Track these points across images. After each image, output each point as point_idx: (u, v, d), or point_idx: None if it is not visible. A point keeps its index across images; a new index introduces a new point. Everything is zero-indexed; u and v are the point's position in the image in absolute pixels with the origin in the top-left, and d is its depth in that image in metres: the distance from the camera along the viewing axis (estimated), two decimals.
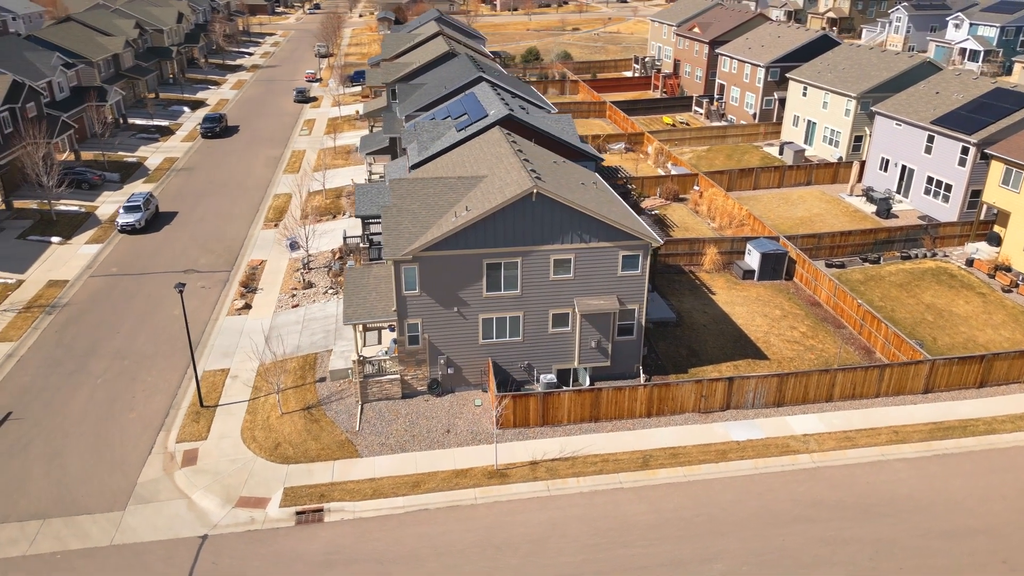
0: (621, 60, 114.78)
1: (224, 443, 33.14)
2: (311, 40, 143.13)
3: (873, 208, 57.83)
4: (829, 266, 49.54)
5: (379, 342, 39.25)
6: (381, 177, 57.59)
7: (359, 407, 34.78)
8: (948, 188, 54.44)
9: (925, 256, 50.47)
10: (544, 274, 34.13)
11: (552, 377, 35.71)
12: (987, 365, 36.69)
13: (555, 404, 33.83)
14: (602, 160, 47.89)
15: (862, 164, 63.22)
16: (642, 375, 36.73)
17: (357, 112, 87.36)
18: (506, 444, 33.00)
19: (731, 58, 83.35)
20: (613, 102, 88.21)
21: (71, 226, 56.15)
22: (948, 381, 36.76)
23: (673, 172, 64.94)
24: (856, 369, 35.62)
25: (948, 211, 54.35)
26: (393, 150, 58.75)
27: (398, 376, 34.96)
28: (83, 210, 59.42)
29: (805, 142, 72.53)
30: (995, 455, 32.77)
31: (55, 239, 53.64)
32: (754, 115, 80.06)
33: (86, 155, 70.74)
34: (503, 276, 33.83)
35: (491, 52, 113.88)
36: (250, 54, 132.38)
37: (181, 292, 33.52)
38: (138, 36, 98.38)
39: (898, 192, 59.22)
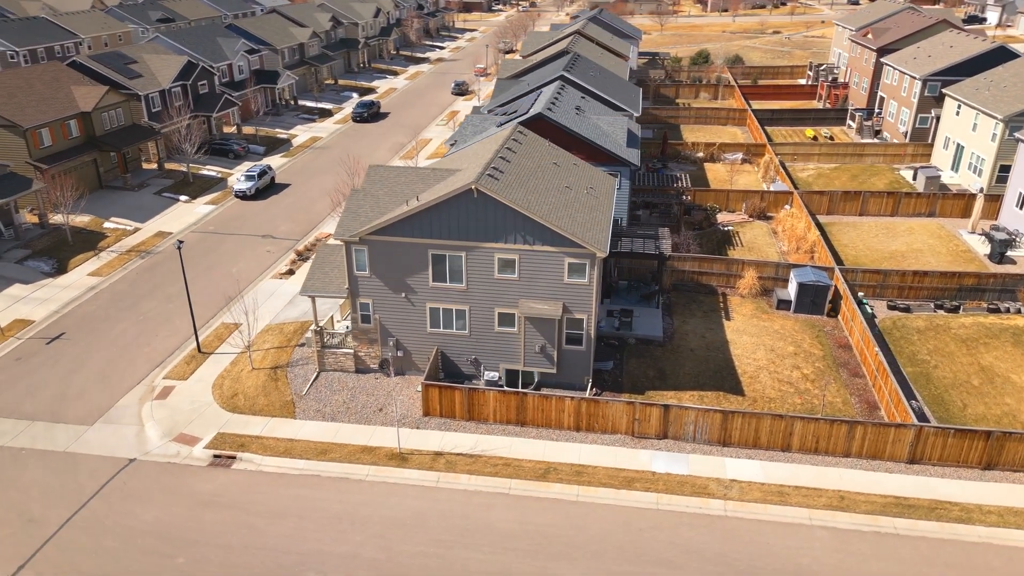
0: (798, 67, 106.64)
1: (196, 386, 37.46)
2: (506, 37, 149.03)
3: (987, 250, 49.51)
4: (891, 308, 43.65)
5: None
6: None
7: (315, 374, 37.45)
8: None
9: (1018, 311, 42.56)
10: (489, 272, 34.29)
11: (495, 375, 35.78)
12: (996, 443, 30.78)
13: (480, 401, 33.98)
14: (637, 167, 46.10)
15: (993, 198, 54.11)
16: (591, 389, 35.52)
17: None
18: (423, 431, 33.85)
19: (893, 68, 74.54)
20: (758, 110, 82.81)
21: (201, 188, 64.97)
22: (942, 455, 31.37)
23: (772, 188, 60.17)
24: (819, 421, 31.67)
25: None
26: None
27: (352, 351, 37.10)
28: (219, 175, 68.38)
29: (952, 168, 63.28)
30: (953, 547, 27.69)
31: (183, 198, 62.51)
32: (905, 133, 71.07)
33: (247, 129, 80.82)
34: (448, 268, 34.55)
35: (648, 53, 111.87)
36: (442, 48, 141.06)
37: (179, 248, 38.31)
38: (331, 28, 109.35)
39: None
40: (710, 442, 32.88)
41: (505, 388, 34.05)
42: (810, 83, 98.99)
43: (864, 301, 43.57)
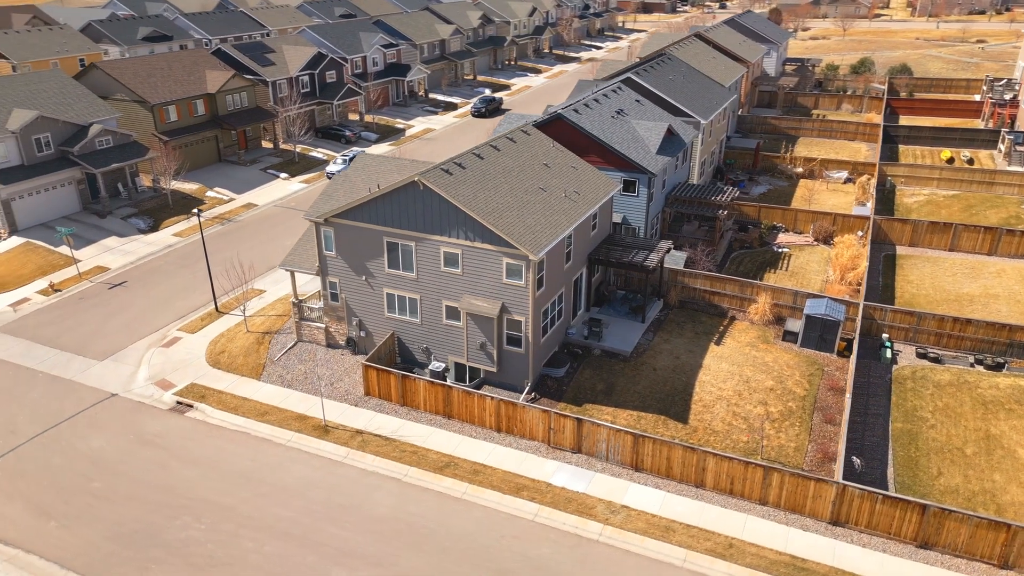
0: (976, 80, 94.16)
1: (198, 340, 41.78)
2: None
3: None
4: (920, 356, 38.41)
5: None
6: None
7: (292, 344, 40.28)
8: None
9: None
10: (436, 264, 35.00)
11: (441, 366, 36.42)
12: (933, 520, 26.56)
13: (412, 388, 34.89)
14: (653, 175, 44.00)
15: None
16: (527, 392, 35.07)
17: None
18: (359, 409, 35.41)
19: None
20: (895, 126, 74.69)
21: (304, 168, 71.03)
22: (870, 522, 27.60)
23: (853, 211, 54.53)
24: (732, 460, 29.10)
25: None
26: None
27: (324, 326, 39.45)
28: (324, 158, 74.25)
29: None
30: None
31: (282, 175, 68.79)
32: None
33: (369, 118, 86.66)
34: (400, 256, 35.72)
35: (796, 59, 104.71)
36: (599, 48, 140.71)
37: (198, 215, 42.82)
38: (479, 25, 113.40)
39: None
40: (623, 464, 31.35)
41: (433, 380, 34.63)
42: (982, 99, 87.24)
43: (888, 344, 38.69)
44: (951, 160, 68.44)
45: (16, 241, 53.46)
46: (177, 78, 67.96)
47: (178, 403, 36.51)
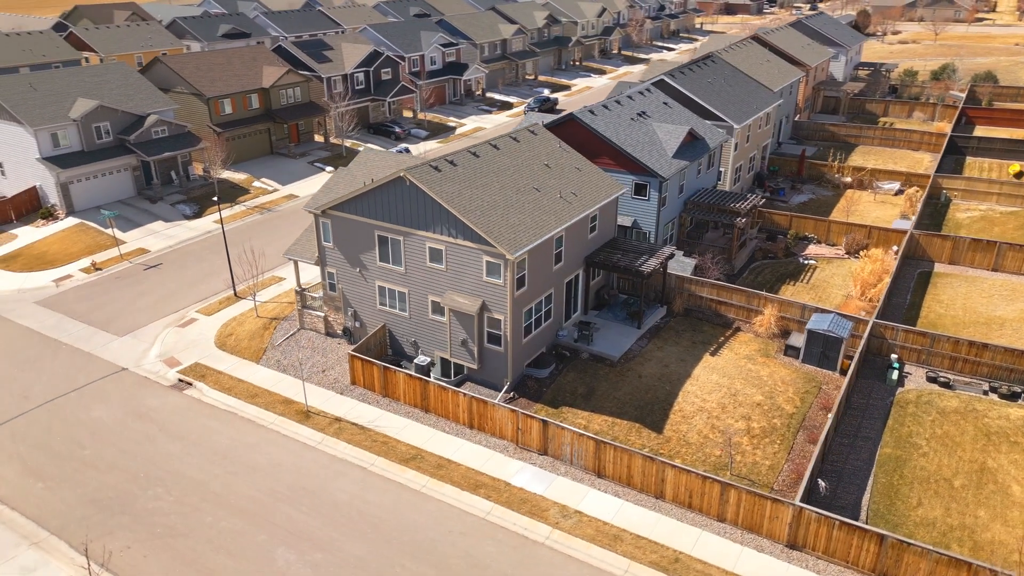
0: None
1: (211, 322, 43.72)
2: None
3: None
4: (930, 379, 36.21)
5: None
6: None
7: (295, 330, 41.59)
8: None
9: None
10: (422, 259, 35.46)
11: (425, 359, 36.86)
12: (891, 551, 25.11)
13: (393, 380, 35.48)
14: (664, 178, 43.01)
15: None
16: (505, 391, 35.06)
17: None
18: (343, 397, 36.30)
19: None
20: (964, 136, 70.35)
21: (348, 161, 72.95)
22: (828, 548, 26.33)
23: (893, 225, 51.74)
24: (691, 474, 28.29)
25: None
26: None
27: (323, 315, 40.56)
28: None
29: None
30: None
31: (328, 168, 70.90)
32: None
33: (422, 115, 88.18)
34: (390, 250, 36.36)
35: (870, 64, 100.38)
36: (671, 50, 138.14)
37: (217, 203, 44.72)
38: (544, 26, 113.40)
39: None
40: (586, 469, 30.97)
41: (411, 373, 35.09)
42: None
43: (896, 365, 36.65)
44: (1020, 175, 63.92)
45: (71, 222, 57.27)
46: (235, 73, 71.11)
47: (179, 380, 38.36)
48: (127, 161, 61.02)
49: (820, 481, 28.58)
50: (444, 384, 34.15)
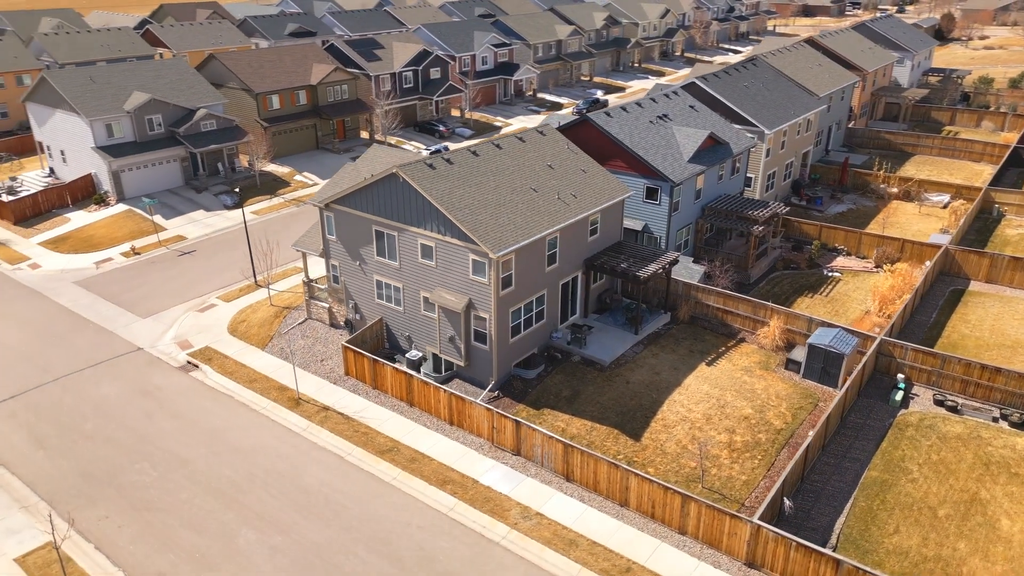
0: None
1: (228, 308, 45.41)
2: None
3: None
4: (938, 403, 34.33)
5: None
6: None
7: (303, 320, 42.76)
8: None
9: None
10: (415, 254, 35.92)
11: (417, 354, 37.32)
12: None
13: (381, 373, 36.07)
14: (675, 183, 42.10)
15: None
16: (489, 389, 35.13)
17: None
18: (335, 387, 37.14)
19: None
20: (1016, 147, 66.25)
21: None
22: (785, 568, 25.39)
23: (930, 239, 49.18)
24: (653, 483, 27.73)
25: None
26: None
27: (328, 306, 41.55)
28: (414, 150, 77.26)
29: None
30: None
31: None
32: None
33: (469, 114, 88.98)
34: (386, 245, 36.96)
35: (939, 70, 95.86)
36: (737, 52, 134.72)
37: (239, 192, 46.31)
38: (603, 27, 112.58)
39: None
40: (555, 472, 30.76)
41: (398, 367, 35.56)
42: None
43: (901, 385, 34.91)
44: None
45: (120, 208, 60.47)
46: (285, 69, 73.53)
47: (187, 363, 40.06)
48: (176, 152, 63.96)
49: (786, 500, 27.52)
50: (426, 379, 34.53)
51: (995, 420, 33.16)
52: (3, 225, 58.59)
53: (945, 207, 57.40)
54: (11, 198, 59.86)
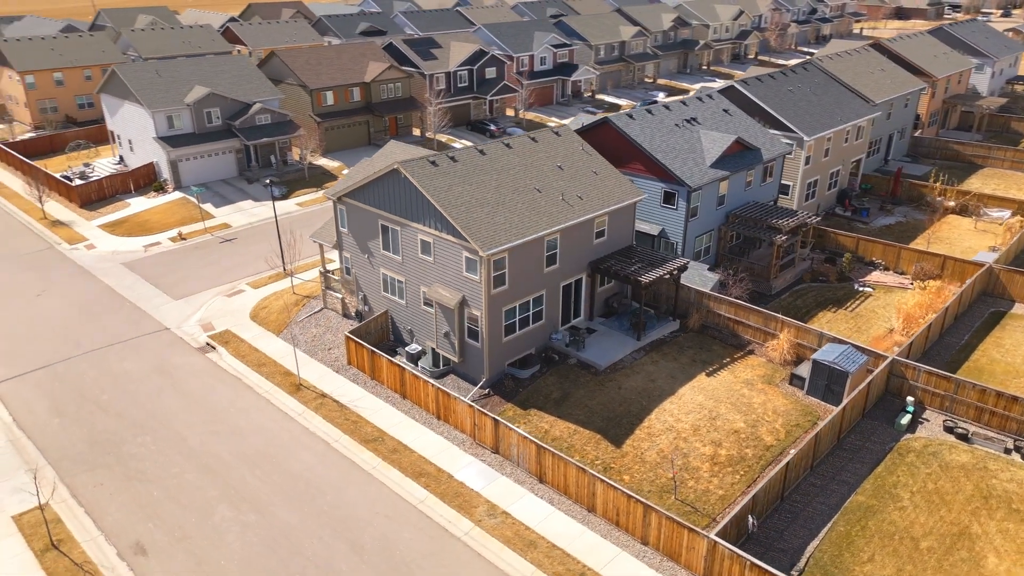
0: None
1: (254, 294, 47.23)
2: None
3: None
4: (947, 429, 32.38)
5: None
6: None
7: (319, 309, 44.04)
8: None
9: None
10: (415, 250, 36.50)
11: (416, 348, 37.88)
12: None
13: (378, 365, 36.82)
14: (692, 188, 41.07)
15: None
16: (479, 387, 35.31)
17: None
18: (337, 375, 38.17)
19: None
20: None
21: None
22: None
23: (976, 256, 46.28)
24: (618, 491, 27.33)
25: None
26: None
27: (341, 297, 42.65)
28: (461, 147, 78.03)
29: None
30: None
31: None
32: None
33: (523, 115, 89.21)
34: (391, 239, 37.66)
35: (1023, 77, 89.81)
36: (811, 55, 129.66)
37: (270, 187, 48.05)
38: (671, 28, 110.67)
39: None
40: (530, 472, 30.69)
41: (393, 359, 36.16)
42: None
43: (910, 409, 33.12)
44: None
45: (176, 196, 63.75)
46: (342, 67, 75.71)
47: (206, 344, 41.97)
48: (232, 144, 66.89)
49: (750, 517, 26.57)
50: (417, 373, 35.05)
51: (1007, 451, 31.02)
52: (70, 207, 62.77)
53: (1002, 223, 53.89)
54: (81, 182, 64.03)
